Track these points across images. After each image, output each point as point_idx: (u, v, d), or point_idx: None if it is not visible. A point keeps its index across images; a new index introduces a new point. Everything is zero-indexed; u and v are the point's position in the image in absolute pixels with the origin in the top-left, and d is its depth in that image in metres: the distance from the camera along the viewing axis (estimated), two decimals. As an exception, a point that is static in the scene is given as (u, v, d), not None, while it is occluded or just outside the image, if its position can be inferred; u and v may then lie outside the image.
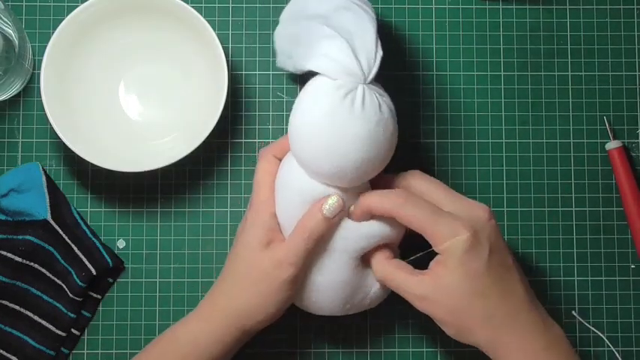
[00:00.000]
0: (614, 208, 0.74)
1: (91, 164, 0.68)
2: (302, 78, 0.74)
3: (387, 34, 0.74)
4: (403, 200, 0.61)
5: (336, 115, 0.60)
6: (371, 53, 0.61)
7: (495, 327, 0.61)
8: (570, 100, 0.75)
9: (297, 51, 0.66)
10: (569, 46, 0.76)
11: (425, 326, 0.73)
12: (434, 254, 0.62)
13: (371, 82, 0.61)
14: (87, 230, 0.72)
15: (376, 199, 0.62)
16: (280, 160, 0.66)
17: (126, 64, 0.73)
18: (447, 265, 0.60)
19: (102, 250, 0.71)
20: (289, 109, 0.74)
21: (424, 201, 0.62)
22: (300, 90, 0.74)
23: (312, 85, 0.62)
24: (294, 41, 0.67)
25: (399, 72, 0.75)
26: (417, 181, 0.65)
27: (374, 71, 0.61)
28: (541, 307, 0.63)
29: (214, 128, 0.68)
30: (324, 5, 0.65)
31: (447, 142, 0.74)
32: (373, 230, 0.64)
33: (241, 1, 0.75)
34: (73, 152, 0.67)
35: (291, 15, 0.69)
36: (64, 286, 0.71)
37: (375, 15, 0.63)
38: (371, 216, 0.63)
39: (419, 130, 0.74)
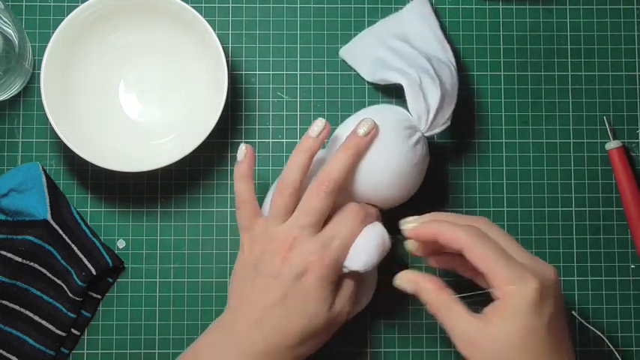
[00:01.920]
0: (614, 208, 0.74)
1: (91, 164, 0.68)
2: (303, 79, 0.75)
3: (387, 34, 0.74)
4: (478, 237, 0.57)
5: (387, 134, 0.64)
6: (444, 119, 0.67)
7: None
8: (570, 100, 0.75)
9: (392, 61, 0.69)
10: (569, 46, 0.76)
11: (425, 326, 0.73)
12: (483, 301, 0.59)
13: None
14: (87, 230, 0.72)
15: (450, 228, 0.59)
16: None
17: (126, 64, 0.73)
18: (504, 313, 0.55)
19: (102, 250, 0.71)
20: (289, 109, 0.74)
21: (497, 244, 0.58)
22: (299, 90, 0.74)
23: (388, 106, 0.68)
24: (390, 55, 0.70)
25: (399, 72, 0.75)
26: (486, 227, 0.60)
27: (433, 132, 0.67)
28: None
29: (214, 128, 0.68)
30: (424, 42, 0.71)
31: (447, 142, 0.74)
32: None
33: (241, 1, 0.75)
34: (73, 152, 0.67)
35: (391, 30, 0.73)
36: (64, 286, 0.71)
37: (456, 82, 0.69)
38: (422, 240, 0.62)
39: (419, 130, 0.74)
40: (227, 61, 0.68)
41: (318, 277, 0.62)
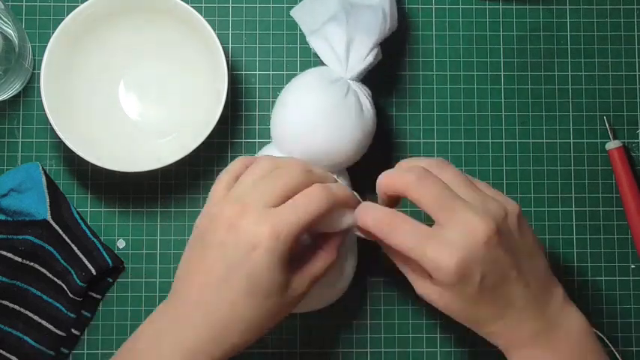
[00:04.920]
0: (614, 208, 0.74)
1: (91, 164, 0.68)
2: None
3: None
4: (422, 177, 0.57)
5: (309, 85, 0.65)
6: (361, 57, 0.66)
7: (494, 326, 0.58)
8: (570, 100, 0.75)
9: (316, 20, 0.70)
10: (569, 46, 0.76)
11: (425, 326, 0.73)
12: None
13: (357, 80, 0.66)
14: (87, 230, 0.72)
15: (395, 173, 0.58)
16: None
17: (126, 63, 0.73)
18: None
19: (102, 250, 0.71)
20: (289, 109, 0.74)
21: (443, 185, 0.57)
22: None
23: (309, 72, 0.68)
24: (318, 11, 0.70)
25: (400, 72, 0.75)
26: (440, 166, 0.59)
27: (356, 73, 0.66)
28: (556, 298, 0.60)
29: (214, 128, 0.68)
30: None
31: (447, 142, 0.74)
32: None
33: (241, 1, 0.75)
34: (73, 152, 0.67)
35: None
36: (64, 286, 0.71)
37: (393, 24, 0.68)
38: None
39: (419, 130, 0.74)
40: (227, 61, 0.68)
41: (267, 251, 0.54)
